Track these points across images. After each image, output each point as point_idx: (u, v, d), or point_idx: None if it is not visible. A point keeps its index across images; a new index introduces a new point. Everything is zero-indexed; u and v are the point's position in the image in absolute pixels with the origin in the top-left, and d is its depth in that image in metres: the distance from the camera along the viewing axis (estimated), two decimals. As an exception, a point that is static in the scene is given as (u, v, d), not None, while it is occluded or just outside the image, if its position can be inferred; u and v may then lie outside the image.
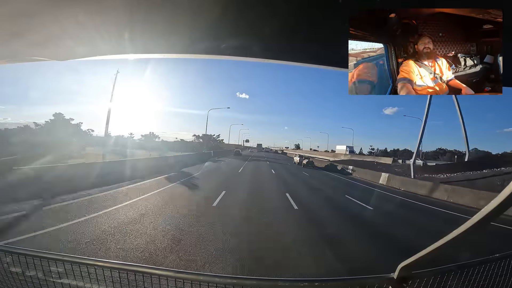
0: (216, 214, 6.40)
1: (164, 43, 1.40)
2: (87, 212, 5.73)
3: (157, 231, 4.90)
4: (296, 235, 5.32)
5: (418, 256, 0.97)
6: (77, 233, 4.47)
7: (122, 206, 6.53)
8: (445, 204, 11.25)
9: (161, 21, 1.14)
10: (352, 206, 9.13)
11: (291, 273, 3.66)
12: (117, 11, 1.07)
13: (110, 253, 3.81)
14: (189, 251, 4.11)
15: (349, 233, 5.83)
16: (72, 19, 1.14)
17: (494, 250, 1.63)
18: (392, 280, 1.08)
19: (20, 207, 5.54)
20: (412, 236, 6.03)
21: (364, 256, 4.53)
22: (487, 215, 0.74)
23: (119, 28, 1.22)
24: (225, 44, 1.33)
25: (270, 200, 8.85)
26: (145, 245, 4.18)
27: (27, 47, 1.45)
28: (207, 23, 1.15)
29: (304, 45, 1.30)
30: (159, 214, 6.09)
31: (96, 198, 7.09)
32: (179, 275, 1.20)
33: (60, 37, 1.33)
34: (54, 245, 3.90)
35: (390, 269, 1.11)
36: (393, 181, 17.27)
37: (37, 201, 6.14)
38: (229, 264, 3.75)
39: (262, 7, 1.01)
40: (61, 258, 1.29)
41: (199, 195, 8.76)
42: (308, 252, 4.46)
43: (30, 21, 1.15)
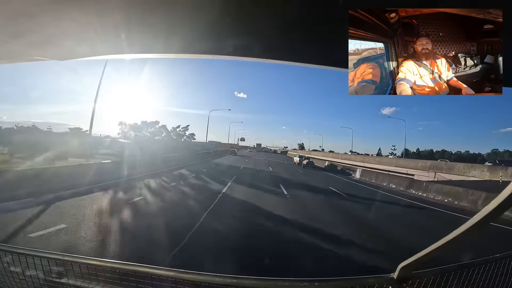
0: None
1: (163, 43, 1.40)
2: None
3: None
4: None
5: (418, 256, 0.97)
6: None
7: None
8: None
9: (160, 21, 1.15)
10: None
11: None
12: (117, 11, 1.08)
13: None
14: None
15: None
16: (71, 20, 1.14)
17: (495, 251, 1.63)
18: (392, 280, 1.08)
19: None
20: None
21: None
22: (487, 215, 0.74)
23: (118, 28, 1.22)
24: (225, 44, 1.34)
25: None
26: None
27: (27, 47, 1.45)
28: (208, 23, 1.15)
29: (304, 45, 1.30)
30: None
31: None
32: (179, 275, 1.20)
33: (59, 37, 1.33)
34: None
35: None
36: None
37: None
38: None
39: (262, 7, 1.01)
40: (61, 258, 1.29)
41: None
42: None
43: (29, 22, 1.15)
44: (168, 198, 7.84)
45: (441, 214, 9.26)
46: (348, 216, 7.69)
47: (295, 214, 6.98)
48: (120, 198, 7.15)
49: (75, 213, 5.26)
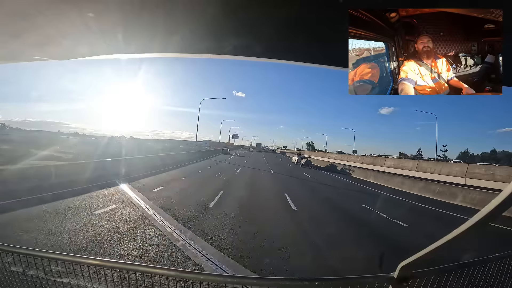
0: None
1: (162, 43, 1.39)
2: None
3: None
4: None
5: (418, 255, 0.97)
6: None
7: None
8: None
9: (160, 21, 1.14)
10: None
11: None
12: (116, 11, 1.07)
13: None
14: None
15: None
16: (72, 20, 1.14)
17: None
18: (392, 279, 1.08)
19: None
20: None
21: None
22: (487, 215, 0.74)
23: (118, 28, 1.22)
24: (226, 44, 1.33)
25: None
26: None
27: (27, 47, 1.45)
28: (209, 23, 1.15)
29: (304, 44, 1.30)
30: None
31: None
32: (179, 274, 1.20)
33: (59, 37, 1.33)
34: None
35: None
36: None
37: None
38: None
39: (263, 7, 1.01)
40: (62, 258, 1.29)
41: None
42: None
43: (30, 22, 1.15)
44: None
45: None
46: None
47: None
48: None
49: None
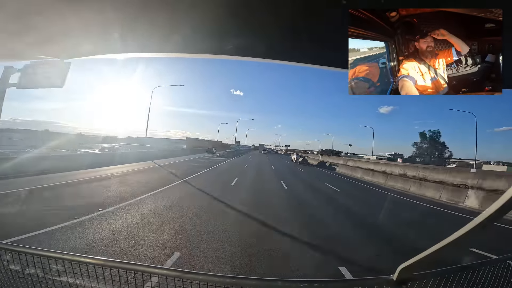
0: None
1: (162, 43, 1.40)
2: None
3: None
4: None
5: (418, 257, 0.97)
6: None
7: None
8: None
9: (162, 21, 1.15)
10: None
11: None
12: (121, 10, 1.08)
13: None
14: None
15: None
16: (74, 19, 1.14)
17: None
18: (392, 281, 1.07)
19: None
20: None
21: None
22: (489, 217, 0.72)
23: (118, 28, 1.22)
24: (227, 44, 1.33)
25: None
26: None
27: (27, 46, 1.45)
28: (210, 23, 1.15)
29: (305, 45, 1.29)
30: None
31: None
32: (178, 274, 1.19)
33: (61, 36, 1.34)
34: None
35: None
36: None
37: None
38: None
39: (264, 9, 1.01)
40: (61, 256, 1.29)
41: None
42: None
43: (30, 21, 1.15)
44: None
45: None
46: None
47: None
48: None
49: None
